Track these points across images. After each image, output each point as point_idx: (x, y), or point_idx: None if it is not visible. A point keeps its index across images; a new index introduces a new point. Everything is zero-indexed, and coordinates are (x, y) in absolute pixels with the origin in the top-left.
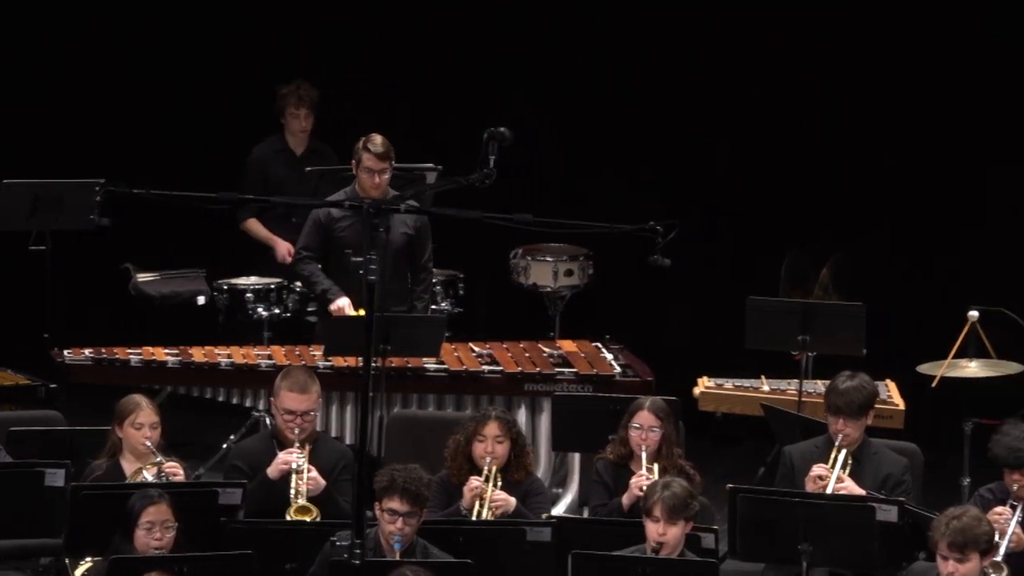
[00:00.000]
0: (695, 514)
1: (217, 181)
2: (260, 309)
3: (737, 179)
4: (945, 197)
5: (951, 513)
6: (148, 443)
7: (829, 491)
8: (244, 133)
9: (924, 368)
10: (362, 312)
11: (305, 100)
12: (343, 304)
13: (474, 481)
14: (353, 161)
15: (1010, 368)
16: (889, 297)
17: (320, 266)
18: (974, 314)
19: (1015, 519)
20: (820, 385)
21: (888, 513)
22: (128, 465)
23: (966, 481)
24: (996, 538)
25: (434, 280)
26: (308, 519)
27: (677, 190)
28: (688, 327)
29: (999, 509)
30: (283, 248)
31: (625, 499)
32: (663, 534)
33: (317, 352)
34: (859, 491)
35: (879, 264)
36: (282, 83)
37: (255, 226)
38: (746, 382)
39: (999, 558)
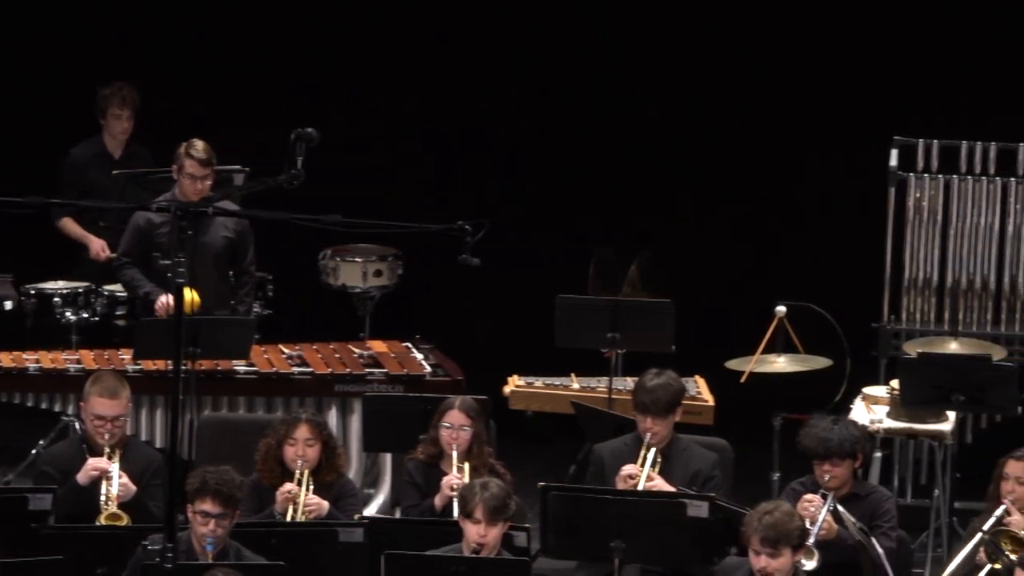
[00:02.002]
0: (513, 514)
1: (32, 182)
2: (68, 313)
3: (547, 177)
4: (753, 193)
5: (763, 508)
6: None
7: (639, 489)
8: (60, 134)
9: (733, 364)
10: (195, 295)
11: (128, 102)
12: (165, 301)
13: (287, 486)
14: (175, 167)
15: (818, 363)
16: (698, 293)
17: (140, 270)
18: (781, 309)
19: (825, 508)
20: (630, 382)
21: (699, 509)
22: None
23: (776, 476)
24: (807, 525)
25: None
26: (119, 525)
27: (486, 189)
28: (498, 326)
29: (809, 497)
30: (96, 245)
31: (437, 499)
32: (484, 535)
33: (126, 356)
34: (669, 488)
35: (687, 261)
36: (103, 84)
37: (70, 224)
38: (556, 380)
39: (810, 542)
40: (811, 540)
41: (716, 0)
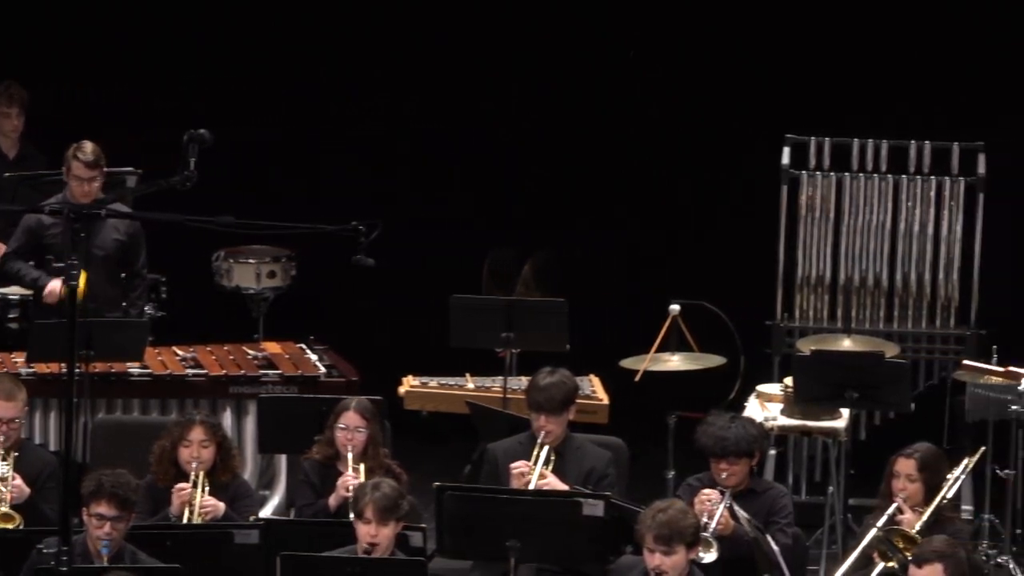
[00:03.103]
0: (405, 514)
1: None
2: None
3: (441, 178)
4: (646, 192)
5: (657, 506)
6: None
7: (532, 487)
8: None
9: (627, 363)
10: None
11: (16, 99)
12: (55, 286)
13: (182, 487)
14: (64, 168)
15: (712, 361)
16: (592, 293)
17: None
18: (675, 308)
19: (723, 504)
20: (524, 382)
21: (594, 508)
22: None
23: (671, 474)
24: (705, 519)
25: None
26: (11, 527)
27: (380, 188)
28: (392, 326)
29: (707, 491)
30: None
31: (332, 500)
32: (375, 535)
33: (20, 359)
34: (562, 486)
35: (581, 260)
36: None
37: None
38: (451, 380)
39: (708, 534)
40: (709, 533)
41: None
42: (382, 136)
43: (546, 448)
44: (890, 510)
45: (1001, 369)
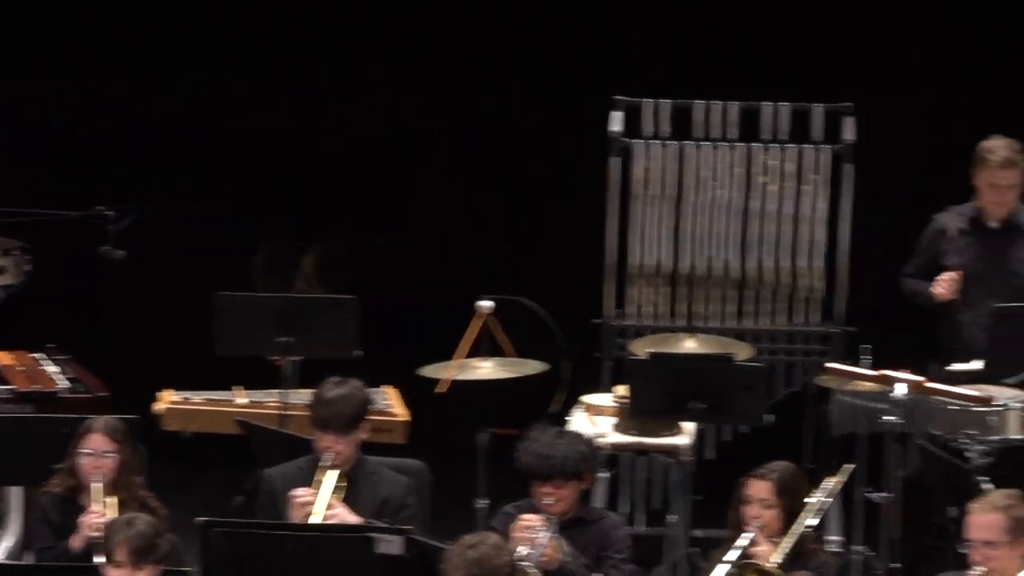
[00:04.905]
0: (165, 555)
1: None
2: None
3: (210, 158)
4: (451, 170)
5: (466, 542)
6: None
7: (318, 520)
8: None
9: (429, 371)
10: None
11: None
12: None
13: None
14: None
15: (530, 367)
16: (387, 288)
17: None
18: (486, 305)
19: (547, 533)
20: (307, 395)
21: (391, 544)
22: None
23: (483, 503)
24: (525, 549)
25: None
26: None
27: (136, 173)
28: (148, 332)
29: (528, 516)
30: None
31: (76, 540)
32: None
33: None
34: (353, 519)
35: (372, 251)
36: None
37: None
38: (218, 395)
39: (528, 566)
40: (530, 564)
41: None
42: (132, 116)
43: (333, 473)
44: (742, 541)
45: (873, 373)
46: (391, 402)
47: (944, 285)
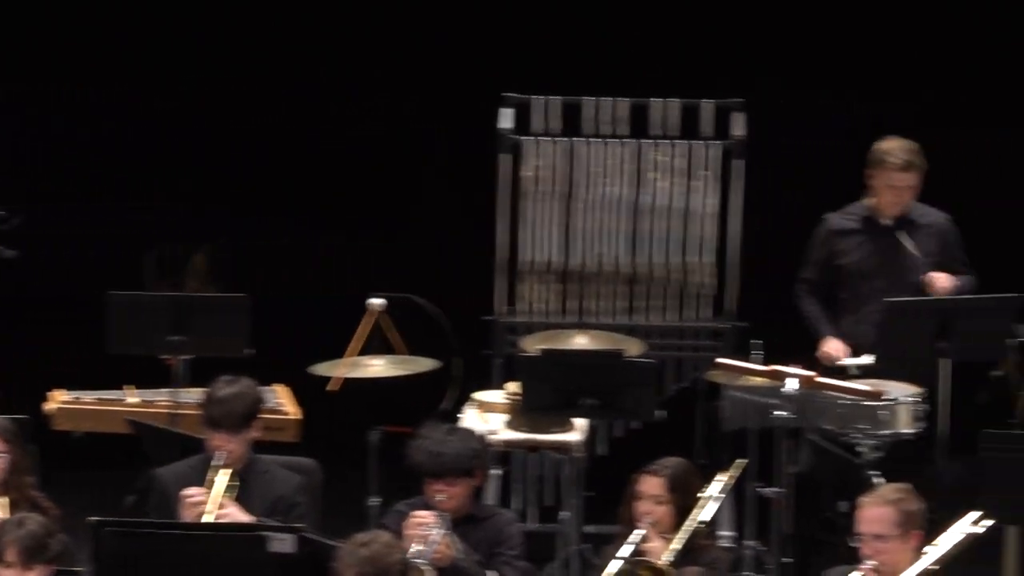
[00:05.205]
0: (56, 555)
1: None
2: None
3: (103, 155)
4: (334, 166)
5: (358, 540)
6: None
7: (210, 519)
8: None
9: (320, 369)
10: None
11: None
12: None
13: None
14: None
15: (421, 365)
16: (277, 287)
17: None
18: (376, 303)
19: (439, 531)
20: (199, 394)
21: (283, 543)
22: None
23: (375, 500)
24: (418, 546)
25: None
26: None
27: (27, 170)
28: (38, 331)
29: (420, 513)
30: None
31: None
32: None
33: None
34: (245, 518)
35: (263, 249)
36: None
37: None
38: (109, 394)
39: (421, 563)
40: (423, 561)
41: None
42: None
43: (226, 472)
44: (634, 538)
45: (764, 368)
46: (283, 400)
47: (830, 354)
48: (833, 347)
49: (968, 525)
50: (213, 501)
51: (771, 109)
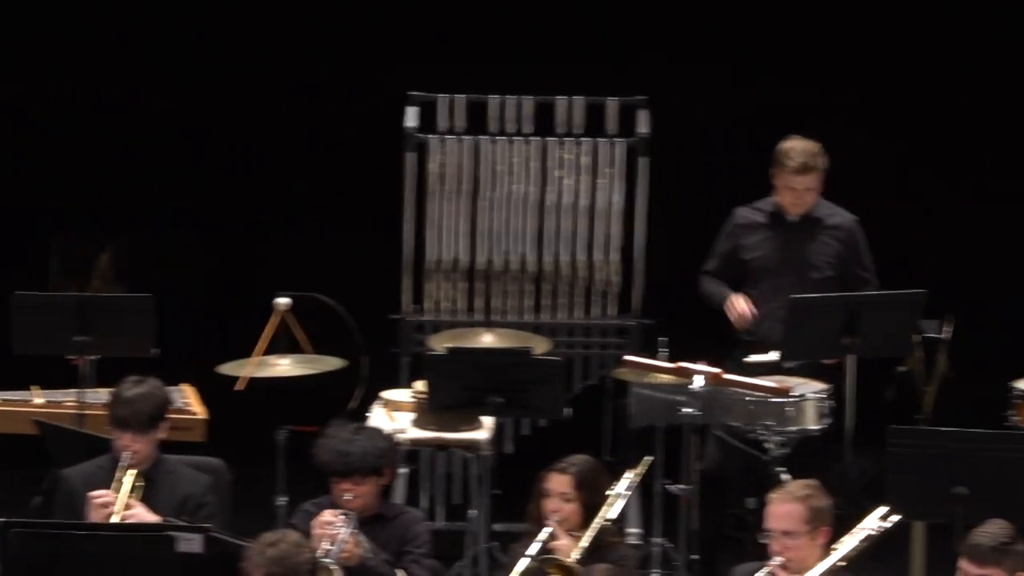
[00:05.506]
0: None
1: None
2: None
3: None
4: (242, 166)
5: (266, 539)
6: None
7: (116, 520)
8: None
9: (227, 368)
10: None
11: None
12: None
13: None
14: None
15: (328, 364)
16: (183, 287)
17: None
18: (283, 302)
19: (347, 529)
20: (105, 395)
21: (191, 543)
22: None
23: (282, 500)
24: (326, 545)
25: None
26: None
27: None
28: None
29: (328, 512)
30: None
31: None
32: None
33: None
34: (153, 518)
35: (170, 248)
36: None
37: None
38: (15, 395)
39: (329, 562)
40: (330, 560)
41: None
42: None
43: (132, 473)
44: (542, 536)
45: (670, 366)
46: (190, 400)
47: (738, 311)
48: (741, 306)
49: (875, 521)
50: (120, 502)
51: (676, 106)
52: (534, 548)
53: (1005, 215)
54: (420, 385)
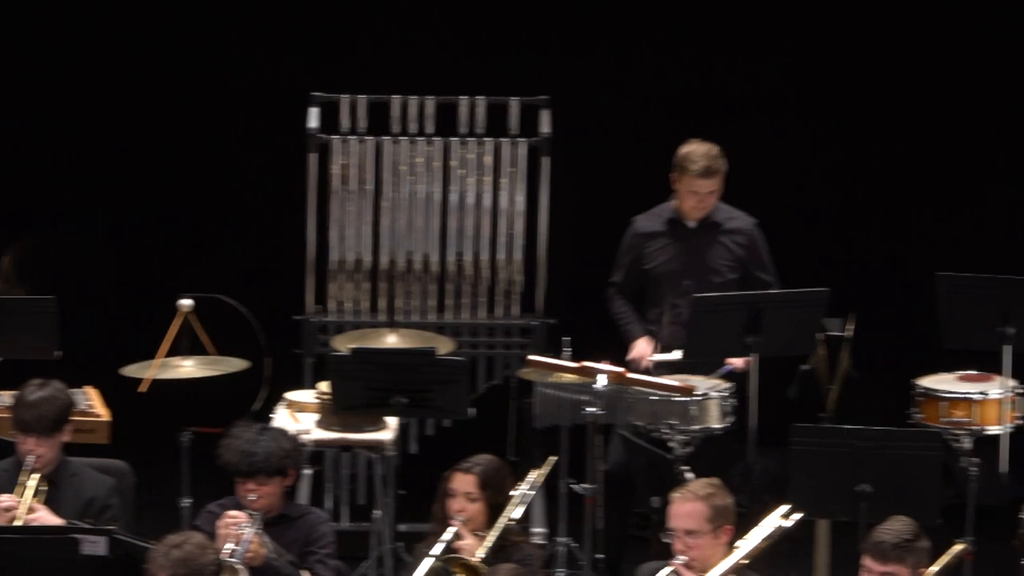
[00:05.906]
0: None
1: None
2: None
3: None
4: (144, 168)
5: (171, 541)
6: None
7: (20, 523)
8: None
9: (130, 370)
10: None
11: None
12: None
13: None
14: None
15: (231, 365)
16: (86, 288)
17: None
18: (186, 303)
19: (251, 529)
20: (8, 397)
21: (96, 545)
22: None
23: (187, 501)
24: (231, 545)
25: None
26: None
27: None
28: None
29: (233, 512)
30: None
31: None
32: None
33: None
34: (56, 521)
35: (73, 251)
36: None
37: None
38: None
39: (234, 562)
40: (235, 560)
41: None
42: None
43: (36, 476)
44: (447, 535)
45: (573, 365)
46: (93, 402)
47: (637, 354)
48: (639, 351)
49: (778, 519)
50: (24, 505)
51: (577, 106)
52: (439, 548)
53: (907, 211)
54: (324, 386)
